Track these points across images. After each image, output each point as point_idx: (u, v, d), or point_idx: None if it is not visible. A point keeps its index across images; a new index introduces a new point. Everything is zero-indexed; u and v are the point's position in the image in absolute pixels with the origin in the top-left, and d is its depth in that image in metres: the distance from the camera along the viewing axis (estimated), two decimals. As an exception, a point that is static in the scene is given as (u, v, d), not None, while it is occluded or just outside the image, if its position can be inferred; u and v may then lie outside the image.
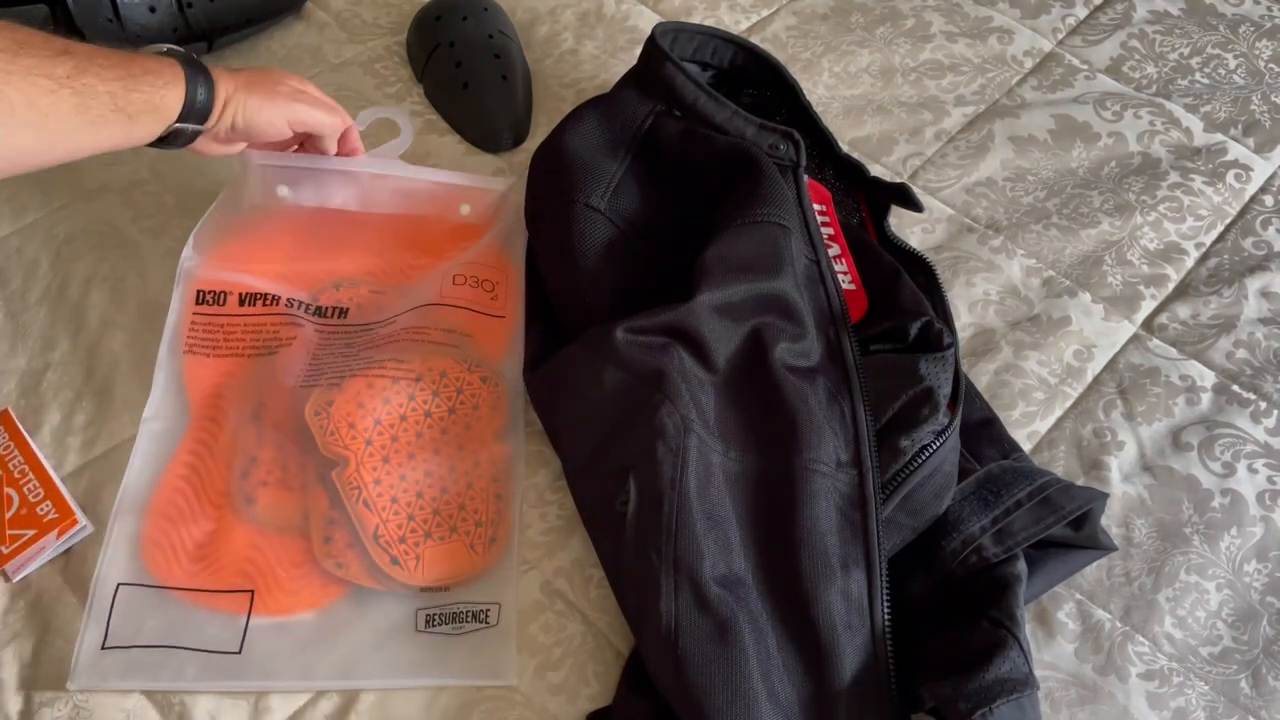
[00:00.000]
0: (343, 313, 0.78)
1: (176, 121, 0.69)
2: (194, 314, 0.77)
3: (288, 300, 0.78)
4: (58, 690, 0.63)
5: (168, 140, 0.71)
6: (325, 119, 0.77)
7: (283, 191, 0.79)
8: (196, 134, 0.72)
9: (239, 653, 0.65)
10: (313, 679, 0.65)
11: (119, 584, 0.67)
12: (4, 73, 0.60)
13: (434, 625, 0.66)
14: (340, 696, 0.64)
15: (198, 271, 0.78)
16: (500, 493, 0.70)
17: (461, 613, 0.66)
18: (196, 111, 0.70)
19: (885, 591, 0.64)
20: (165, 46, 0.71)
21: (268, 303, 0.77)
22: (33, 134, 0.63)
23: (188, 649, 0.65)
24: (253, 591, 0.66)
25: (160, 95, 0.67)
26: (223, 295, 0.77)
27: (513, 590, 0.68)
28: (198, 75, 0.70)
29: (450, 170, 0.85)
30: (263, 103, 0.74)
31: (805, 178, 0.77)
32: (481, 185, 0.84)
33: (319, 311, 0.78)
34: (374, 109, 0.83)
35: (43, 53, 0.62)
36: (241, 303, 0.77)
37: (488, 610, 0.67)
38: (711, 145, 0.76)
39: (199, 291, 0.78)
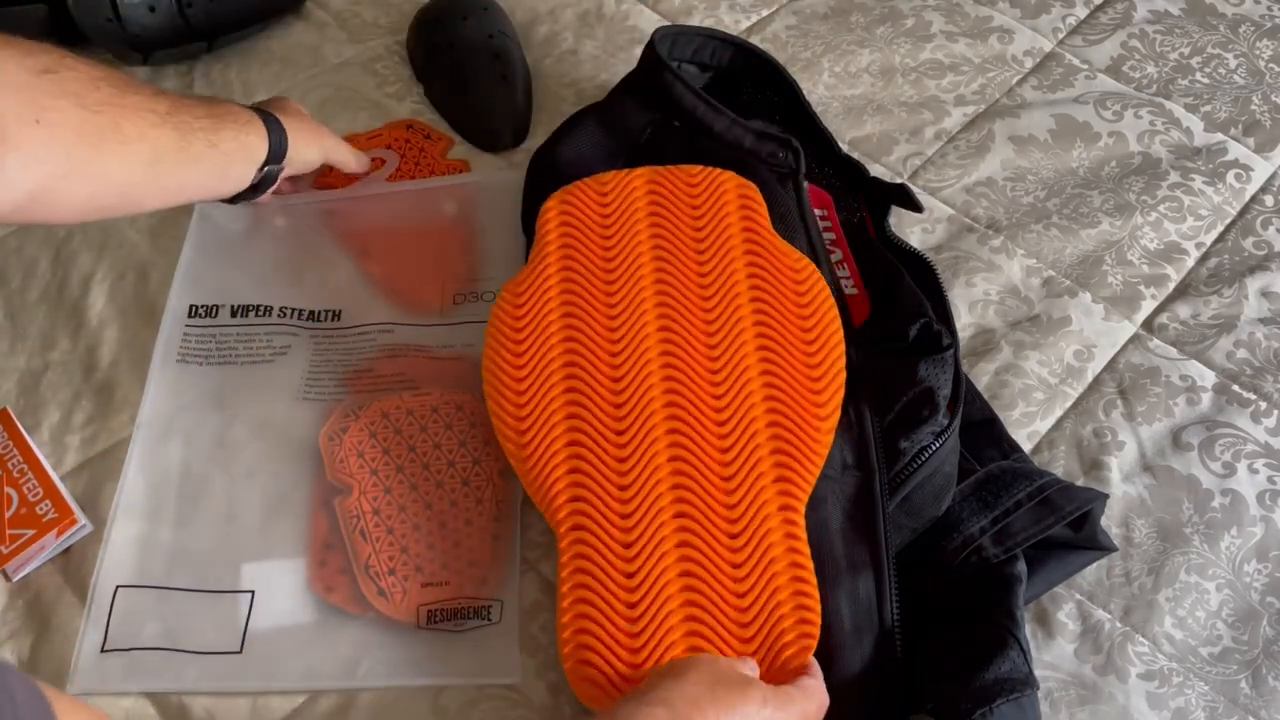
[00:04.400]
0: (336, 315, 0.78)
1: (265, 163, 0.72)
2: (186, 326, 0.77)
3: (280, 309, 0.78)
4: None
5: (258, 187, 0.74)
6: (352, 156, 0.82)
7: (279, 222, 0.82)
8: (278, 175, 0.75)
9: (240, 653, 0.65)
10: (314, 679, 0.65)
11: (118, 586, 0.67)
12: (119, 106, 0.62)
13: (436, 622, 0.66)
14: (340, 696, 0.64)
15: (189, 290, 0.79)
16: (499, 534, 0.69)
17: (464, 609, 0.66)
18: (276, 150, 0.73)
19: (894, 593, 0.64)
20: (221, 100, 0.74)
21: (260, 313, 0.78)
22: (143, 168, 0.65)
23: (188, 651, 0.65)
24: (253, 592, 0.67)
25: (245, 132, 0.70)
26: (215, 309, 0.78)
27: (515, 587, 0.67)
28: (266, 116, 0.72)
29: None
30: (308, 141, 0.76)
31: (805, 185, 0.77)
32: (457, 182, 0.86)
33: (312, 316, 0.78)
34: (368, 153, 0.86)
35: (145, 91, 0.65)
36: (234, 314, 0.78)
37: (490, 607, 0.67)
38: (711, 160, 0.76)
39: (191, 305, 0.78)
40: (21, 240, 0.83)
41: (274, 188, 0.77)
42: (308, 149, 0.77)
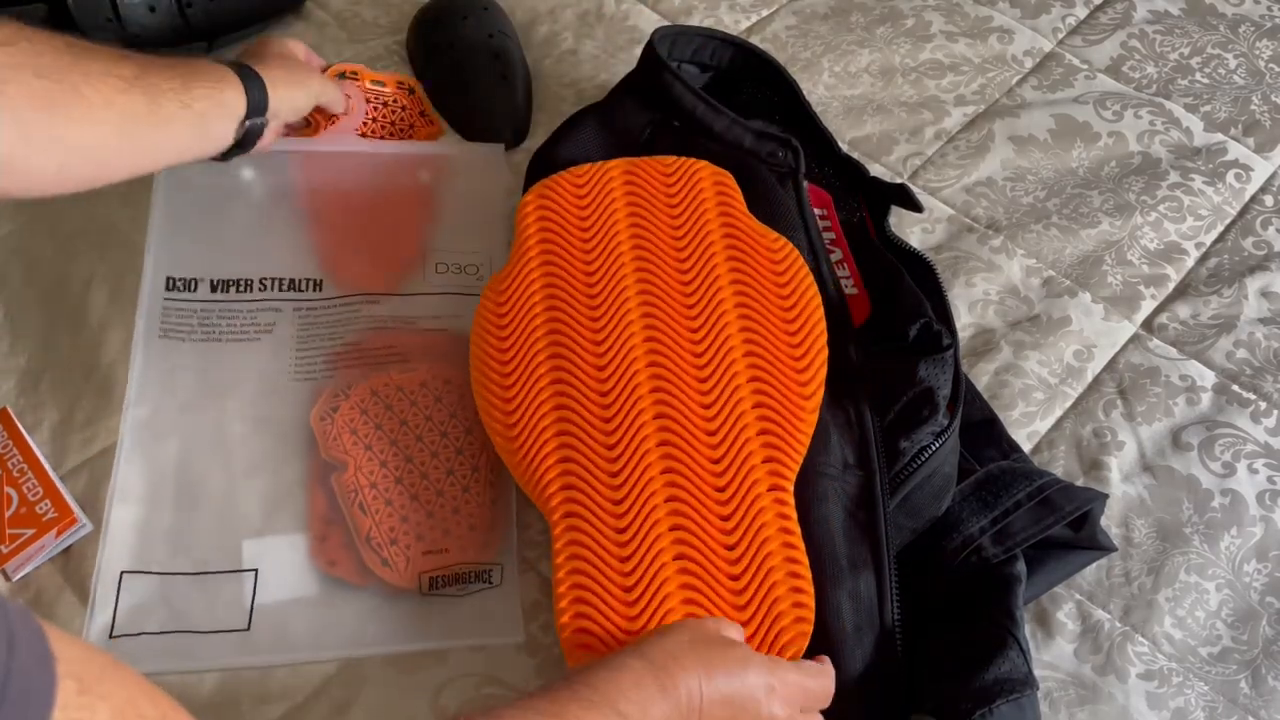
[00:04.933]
0: (318, 284, 0.78)
1: (246, 117, 0.70)
2: (165, 300, 0.77)
3: (260, 281, 0.78)
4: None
5: (243, 143, 0.72)
6: (339, 96, 0.81)
7: (247, 175, 0.82)
8: (263, 128, 0.73)
9: (248, 629, 0.65)
10: (322, 649, 0.65)
11: (122, 571, 0.67)
12: (82, 73, 0.61)
13: (438, 588, 0.66)
14: (339, 696, 0.64)
15: (164, 259, 0.78)
16: (496, 499, 0.70)
17: (465, 573, 0.67)
18: (256, 104, 0.71)
19: (895, 592, 0.64)
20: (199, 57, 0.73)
21: (241, 288, 0.77)
22: (113, 134, 0.64)
23: (196, 632, 0.65)
24: (256, 570, 0.67)
25: (219, 89, 0.69)
26: (193, 282, 0.77)
27: (513, 550, 0.69)
28: (242, 69, 0.71)
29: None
30: (292, 88, 0.75)
31: (805, 184, 0.77)
32: (434, 151, 0.88)
33: (293, 286, 0.78)
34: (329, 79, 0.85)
35: (109, 57, 0.64)
36: (214, 289, 0.77)
37: (490, 570, 0.67)
38: (710, 159, 0.76)
39: (168, 278, 0.77)
40: (22, 240, 0.83)
41: (265, 140, 0.75)
42: (293, 96, 0.75)
